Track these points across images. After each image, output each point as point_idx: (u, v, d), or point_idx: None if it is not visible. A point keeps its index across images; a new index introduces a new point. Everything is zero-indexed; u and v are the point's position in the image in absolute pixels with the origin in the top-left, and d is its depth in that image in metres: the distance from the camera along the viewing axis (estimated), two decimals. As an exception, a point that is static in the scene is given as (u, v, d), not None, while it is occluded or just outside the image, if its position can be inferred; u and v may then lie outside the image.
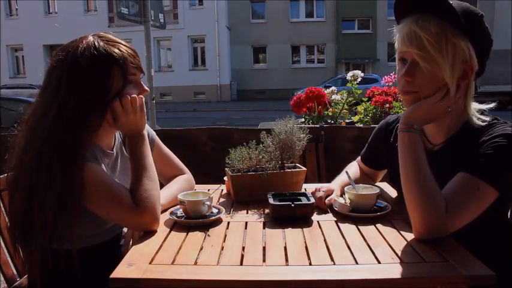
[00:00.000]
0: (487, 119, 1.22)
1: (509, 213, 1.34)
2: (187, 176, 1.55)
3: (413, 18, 1.17)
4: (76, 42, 1.20)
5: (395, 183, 1.50)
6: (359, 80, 3.32)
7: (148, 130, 1.49)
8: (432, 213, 1.06)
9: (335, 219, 1.30)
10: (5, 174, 1.46)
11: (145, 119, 1.31)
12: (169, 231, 1.21)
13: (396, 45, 1.28)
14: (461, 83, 1.18)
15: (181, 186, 1.46)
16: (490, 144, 1.12)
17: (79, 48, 1.17)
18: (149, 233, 1.19)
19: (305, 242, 1.12)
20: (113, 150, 1.36)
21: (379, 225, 1.22)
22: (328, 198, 1.40)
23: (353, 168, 1.64)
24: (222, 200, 1.56)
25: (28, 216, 1.12)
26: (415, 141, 1.15)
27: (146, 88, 1.29)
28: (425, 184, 1.09)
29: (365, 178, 1.62)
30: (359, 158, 1.68)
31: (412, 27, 1.15)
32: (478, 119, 1.22)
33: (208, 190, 1.47)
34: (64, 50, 1.19)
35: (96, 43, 1.19)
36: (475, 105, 1.25)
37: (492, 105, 1.26)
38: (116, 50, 1.20)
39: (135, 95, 1.24)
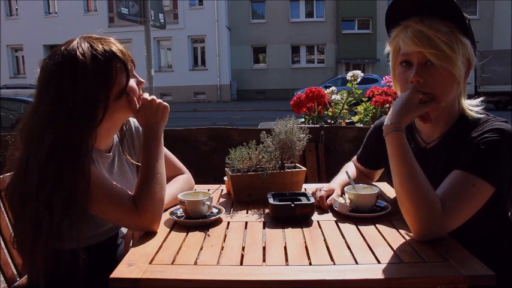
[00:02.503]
0: (479, 115, 1.22)
1: (509, 214, 1.34)
2: (186, 176, 1.55)
3: (416, 19, 1.16)
4: (68, 45, 1.20)
5: (392, 182, 1.51)
6: (359, 80, 3.32)
7: None
8: (428, 214, 1.05)
9: (335, 219, 1.30)
10: (5, 174, 1.46)
11: (162, 115, 1.32)
12: (169, 231, 1.21)
13: (387, 49, 1.28)
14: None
15: (181, 186, 1.46)
16: (482, 139, 1.12)
17: (78, 50, 1.17)
18: (149, 233, 1.19)
19: (305, 242, 1.12)
20: (110, 152, 1.36)
21: (379, 225, 1.22)
22: (329, 199, 1.40)
23: (350, 168, 1.65)
24: (222, 200, 1.56)
25: (35, 220, 1.12)
26: (403, 141, 1.13)
27: (141, 79, 1.32)
28: (419, 185, 1.08)
29: (362, 177, 1.62)
30: (355, 157, 1.69)
31: (418, 27, 1.15)
32: (470, 115, 1.23)
33: (208, 190, 1.47)
34: (59, 54, 1.18)
35: (92, 43, 1.20)
36: (467, 102, 1.25)
37: (479, 100, 1.26)
38: (113, 47, 1.22)
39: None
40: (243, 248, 1.10)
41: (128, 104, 1.26)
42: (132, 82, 1.27)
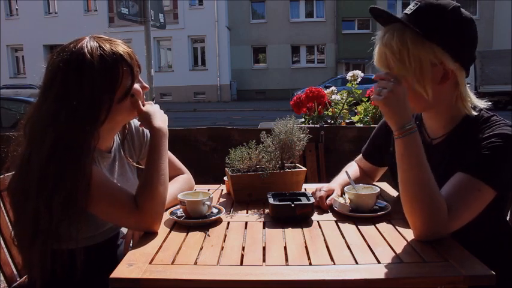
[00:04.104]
0: (486, 115, 1.22)
1: (508, 214, 1.35)
2: (186, 176, 1.55)
3: (381, 33, 1.21)
4: (77, 43, 1.20)
5: (396, 180, 1.51)
6: (359, 80, 3.32)
7: (146, 131, 1.49)
8: (434, 216, 1.05)
9: (335, 219, 1.30)
10: (5, 174, 1.46)
11: (166, 118, 1.35)
12: (169, 231, 1.21)
13: None
14: (443, 83, 1.18)
15: (181, 186, 1.46)
16: (489, 144, 1.12)
17: (85, 49, 1.17)
18: (149, 233, 1.19)
19: (305, 242, 1.12)
20: (110, 153, 1.36)
21: (379, 225, 1.22)
22: (329, 199, 1.40)
23: (352, 168, 1.64)
24: (222, 200, 1.56)
25: (34, 219, 1.12)
26: (412, 143, 1.10)
27: (146, 85, 1.32)
28: (427, 186, 1.07)
29: (364, 177, 1.62)
30: (358, 157, 1.68)
31: (379, 44, 1.20)
32: (477, 114, 1.22)
33: (208, 190, 1.47)
34: (67, 51, 1.18)
35: (101, 43, 1.20)
36: (474, 101, 1.24)
37: (488, 103, 1.24)
38: (121, 49, 1.22)
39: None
40: (243, 248, 1.10)
41: (132, 107, 1.26)
42: (137, 86, 1.27)
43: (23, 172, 1.15)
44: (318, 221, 1.28)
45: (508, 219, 1.38)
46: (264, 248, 1.09)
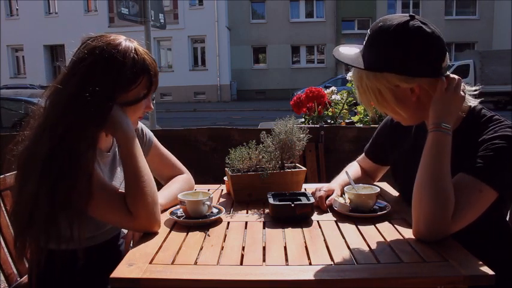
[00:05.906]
0: (488, 114, 1.22)
1: (508, 214, 1.35)
2: (186, 176, 1.55)
3: None
4: (115, 38, 1.22)
5: (397, 180, 1.51)
6: (359, 80, 3.31)
7: (145, 131, 1.49)
8: (441, 217, 1.06)
9: (335, 219, 1.30)
10: (5, 174, 1.46)
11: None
12: (169, 231, 1.21)
13: None
14: (417, 97, 1.19)
15: (181, 186, 1.47)
16: (491, 145, 1.12)
17: (121, 46, 1.20)
18: (149, 233, 1.19)
19: (305, 242, 1.12)
20: (109, 152, 1.36)
21: (379, 225, 1.22)
22: (328, 199, 1.40)
23: (353, 168, 1.64)
24: (222, 200, 1.56)
25: (32, 211, 1.11)
26: (442, 140, 1.12)
27: (151, 106, 1.33)
28: (442, 186, 1.08)
29: (365, 177, 1.62)
30: (360, 156, 1.68)
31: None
32: (479, 113, 1.23)
33: (208, 190, 1.47)
34: (104, 41, 1.20)
35: (138, 48, 1.24)
36: (471, 99, 1.25)
37: (478, 93, 1.27)
38: (152, 64, 1.25)
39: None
40: (243, 248, 1.10)
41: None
42: (144, 102, 1.28)
43: (33, 146, 1.15)
44: (318, 221, 1.28)
45: (508, 219, 1.38)
46: (264, 248, 1.09)
